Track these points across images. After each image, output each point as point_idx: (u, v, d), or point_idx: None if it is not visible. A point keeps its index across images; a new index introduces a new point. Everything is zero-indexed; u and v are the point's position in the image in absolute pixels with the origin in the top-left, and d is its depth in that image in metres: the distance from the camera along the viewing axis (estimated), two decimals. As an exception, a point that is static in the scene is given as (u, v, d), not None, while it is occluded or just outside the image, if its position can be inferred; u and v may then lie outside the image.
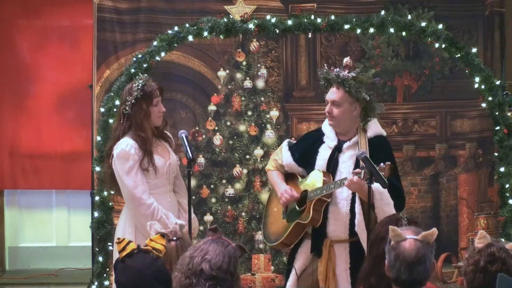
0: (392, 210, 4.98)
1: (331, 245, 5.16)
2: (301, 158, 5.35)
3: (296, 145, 5.45)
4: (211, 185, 7.02)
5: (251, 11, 6.67)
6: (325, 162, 5.22)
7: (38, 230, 8.37)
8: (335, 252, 5.16)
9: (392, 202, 5.02)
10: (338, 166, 5.18)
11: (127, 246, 3.68)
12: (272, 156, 5.54)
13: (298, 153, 5.37)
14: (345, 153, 5.20)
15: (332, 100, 5.19)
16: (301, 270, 5.26)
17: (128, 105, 5.36)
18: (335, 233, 5.16)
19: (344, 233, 5.15)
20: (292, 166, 5.38)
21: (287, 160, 5.37)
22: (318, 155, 5.26)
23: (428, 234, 3.49)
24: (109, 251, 6.18)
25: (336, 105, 5.18)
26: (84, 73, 7.53)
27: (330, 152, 5.23)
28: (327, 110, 5.21)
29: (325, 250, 5.16)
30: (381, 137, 5.25)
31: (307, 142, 5.41)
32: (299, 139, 5.66)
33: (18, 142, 8.02)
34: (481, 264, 3.55)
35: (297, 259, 5.28)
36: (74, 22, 7.96)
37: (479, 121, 6.91)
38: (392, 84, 6.98)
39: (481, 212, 6.95)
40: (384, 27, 6.30)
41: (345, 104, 5.18)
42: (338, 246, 5.16)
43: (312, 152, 5.29)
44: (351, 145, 5.19)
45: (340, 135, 5.25)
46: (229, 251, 3.32)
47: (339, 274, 5.14)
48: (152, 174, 5.39)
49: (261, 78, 7.01)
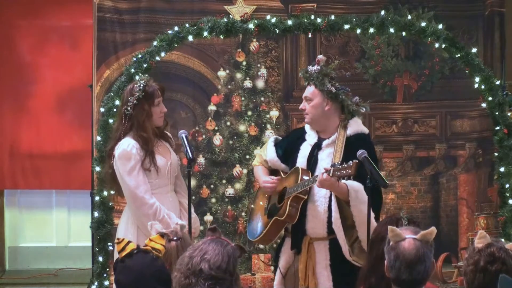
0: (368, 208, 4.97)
1: (310, 243, 5.17)
2: (284, 154, 5.38)
3: (281, 142, 5.49)
4: (211, 185, 7.02)
5: (251, 11, 6.67)
6: (305, 159, 5.25)
7: (38, 230, 8.38)
8: (315, 249, 5.17)
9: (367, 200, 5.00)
10: (317, 163, 5.20)
11: (126, 246, 3.68)
12: (258, 152, 5.60)
13: (281, 150, 5.41)
14: (324, 150, 5.22)
15: (304, 96, 5.27)
16: (286, 269, 5.27)
17: (130, 106, 5.37)
18: (314, 231, 5.16)
19: (323, 231, 5.15)
20: (275, 162, 5.41)
21: (270, 155, 5.41)
22: (300, 152, 5.29)
23: (427, 233, 3.49)
24: (109, 251, 6.18)
25: (307, 101, 5.23)
26: (84, 73, 7.53)
27: (310, 149, 5.26)
28: (301, 107, 5.27)
29: (304, 247, 5.17)
30: (361, 135, 5.24)
31: (290, 139, 5.46)
32: (285, 136, 5.70)
33: (18, 142, 8.02)
34: (481, 264, 3.55)
35: (280, 257, 5.30)
36: (74, 22, 7.96)
37: (479, 121, 6.91)
38: (392, 84, 6.98)
39: (481, 212, 6.95)
40: (384, 27, 6.29)
41: (316, 99, 5.21)
42: (318, 244, 5.17)
43: (294, 149, 5.32)
44: (330, 143, 5.21)
45: (321, 133, 5.27)
46: (228, 251, 3.32)
47: (319, 271, 5.15)
48: (153, 174, 5.39)
49: (261, 78, 7.02)
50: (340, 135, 5.18)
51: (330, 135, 5.23)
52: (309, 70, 5.27)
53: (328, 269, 5.14)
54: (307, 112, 5.23)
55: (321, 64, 5.27)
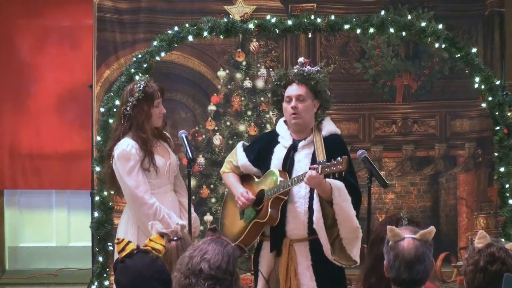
0: (349, 206, 4.97)
1: (291, 244, 5.14)
2: (256, 158, 5.35)
3: (250, 146, 5.46)
4: (211, 185, 7.02)
5: (251, 11, 6.67)
6: (280, 161, 5.22)
7: (38, 230, 8.38)
8: (295, 251, 5.14)
9: (350, 198, 4.99)
10: (294, 165, 5.18)
11: (126, 246, 3.68)
12: (227, 159, 5.51)
13: (253, 154, 5.37)
14: (300, 152, 5.20)
15: (298, 95, 5.17)
16: (268, 273, 5.24)
17: (129, 106, 5.37)
18: (294, 232, 5.14)
19: (303, 231, 5.12)
20: (247, 167, 5.37)
21: (242, 160, 5.37)
22: (274, 155, 5.26)
23: (426, 233, 3.49)
24: (109, 251, 6.18)
25: (300, 100, 5.17)
26: (84, 73, 7.53)
27: (285, 151, 5.23)
28: (293, 105, 5.16)
29: (285, 249, 5.14)
30: (335, 135, 5.24)
31: (261, 143, 5.43)
32: (253, 141, 5.69)
33: (18, 142, 8.02)
34: (481, 264, 3.55)
35: (261, 262, 5.26)
36: (74, 22, 7.96)
37: (479, 121, 6.91)
38: (392, 84, 6.98)
39: (480, 211, 6.95)
40: (384, 27, 6.29)
41: (308, 99, 5.18)
42: (299, 245, 5.14)
43: (267, 152, 5.29)
44: (306, 144, 5.19)
45: (294, 135, 5.25)
46: (228, 251, 3.32)
47: (301, 272, 5.12)
48: (153, 174, 5.39)
49: (261, 78, 7.02)
50: (316, 136, 5.17)
51: (305, 136, 5.21)
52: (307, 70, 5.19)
53: (311, 269, 5.11)
54: (300, 112, 5.16)
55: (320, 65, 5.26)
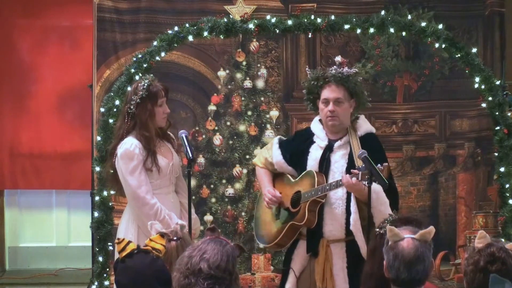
0: (387, 209, 4.97)
1: (327, 245, 5.16)
2: (292, 157, 5.33)
3: (286, 144, 5.41)
4: (211, 185, 7.02)
5: (251, 11, 6.67)
6: (316, 162, 5.20)
7: (38, 230, 8.38)
8: (332, 251, 5.16)
9: (387, 201, 5.01)
10: (330, 165, 5.17)
11: (126, 246, 3.68)
12: (261, 152, 5.51)
13: (288, 153, 5.34)
14: (336, 152, 5.19)
15: (336, 98, 5.15)
16: (300, 271, 5.25)
17: (133, 104, 5.37)
18: (331, 233, 5.15)
19: (341, 233, 5.14)
20: (282, 165, 5.36)
21: (277, 158, 5.36)
22: (309, 155, 5.24)
23: (425, 233, 3.49)
24: (109, 251, 6.18)
25: (339, 103, 5.16)
26: (84, 73, 7.54)
27: (321, 152, 5.21)
28: (330, 109, 5.14)
29: (322, 250, 5.15)
30: (371, 135, 5.25)
31: (297, 142, 5.38)
32: (290, 138, 5.64)
33: (18, 142, 8.02)
34: (481, 264, 3.55)
35: (294, 260, 5.27)
36: (74, 22, 7.97)
37: (478, 121, 6.91)
38: (392, 84, 6.98)
39: (479, 210, 6.96)
40: (384, 27, 6.29)
41: (345, 102, 5.17)
42: (335, 246, 5.16)
43: (302, 152, 5.27)
44: (342, 144, 5.18)
45: (330, 135, 5.24)
46: (227, 250, 3.32)
47: (336, 273, 5.14)
48: (155, 174, 5.39)
49: (261, 78, 7.02)
50: (352, 136, 5.16)
51: (340, 136, 5.20)
52: (344, 72, 5.14)
53: (345, 271, 5.14)
54: (339, 115, 5.15)
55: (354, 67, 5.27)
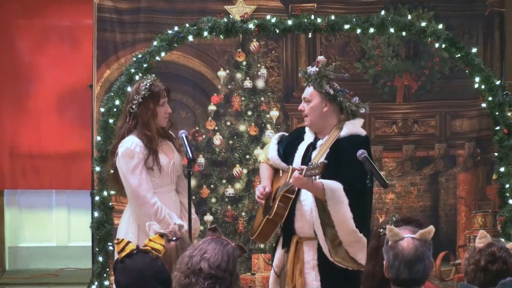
0: (345, 208, 4.95)
1: (299, 242, 5.16)
2: (284, 153, 5.37)
3: (283, 140, 5.46)
4: (211, 185, 7.02)
5: (251, 11, 6.67)
6: (300, 159, 5.24)
7: (38, 230, 8.38)
8: (303, 249, 5.15)
9: (346, 200, 4.96)
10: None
11: (126, 246, 3.68)
12: (264, 148, 5.59)
13: (282, 148, 5.39)
14: (317, 150, 5.20)
15: (303, 97, 5.25)
16: (280, 268, 5.25)
17: (135, 104, 5.37)
18: (301, 230, 5.15)
19: (310, 230, 5.12)
20: (275, 161, 5.38)
21: (272, 154, 5.40)
22: (297, 152, 5.28)
23: (425, 232, 3.49)
24: (109, 251, 6.18)
25: (306, 102, 5.22)
26: (84, 73, 7.54)
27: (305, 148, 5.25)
28: (299, 108, 5.26)
29: (293, 246, 5.15)
30: (356, 137, 5.17)
31: (291, 138, 5.44)
32: (288, 134, 5.67)
33: (18, 142, 8.02)
34: (481, 263, 3.56)
35: (275, 257, 5.29)
36: (74, 22, 7.97)
37: (478, 121, 6.91)
38: (392, 84, 6.98)
39: (478, 210, 6.96)
40: (384, 27, 6.28)
41: (314, 100, 5.19)
42: (307, 243, 5.15)
43: (292, 149, 5.31)
44: (324, 143, 5.19)
45: (319, 133, 5.26)
46: (228, 250, 3.32)
47: (307, 271, 5.12)
48: (156, 173, 5.39)
49: (261, 78, 7.02)
50: (331, 136, 5.17)
51: (326, 135, 5.22)
52: (308, 71, 5.24)
53: (316, 269, 5.11)
54: (306, 114, 5.22)
55: (320, 65, 5.25)
